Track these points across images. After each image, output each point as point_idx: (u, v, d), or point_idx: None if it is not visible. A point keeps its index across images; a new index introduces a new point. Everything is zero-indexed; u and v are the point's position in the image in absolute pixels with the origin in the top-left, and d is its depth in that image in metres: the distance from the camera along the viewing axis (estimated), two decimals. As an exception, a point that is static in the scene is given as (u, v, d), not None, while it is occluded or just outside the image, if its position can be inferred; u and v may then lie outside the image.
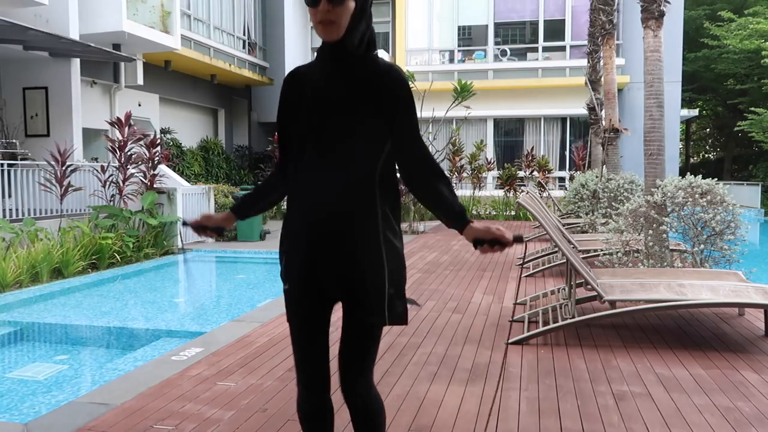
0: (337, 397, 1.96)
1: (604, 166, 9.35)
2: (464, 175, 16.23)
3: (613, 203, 8.47)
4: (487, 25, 19.09)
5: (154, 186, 9.67)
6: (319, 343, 1.92)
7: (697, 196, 5.43)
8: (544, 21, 18.63)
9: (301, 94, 1.87)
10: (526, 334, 4.32)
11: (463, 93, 12.24)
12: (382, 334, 1.92)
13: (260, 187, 2.06)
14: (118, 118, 9.57)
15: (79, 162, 9.70)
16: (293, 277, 1.88)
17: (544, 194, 13.77)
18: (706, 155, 33.63)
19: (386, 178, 1.85)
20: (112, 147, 9.26)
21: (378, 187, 1.82)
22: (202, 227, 2.04)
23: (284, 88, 1.93)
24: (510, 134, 19.69)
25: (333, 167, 1.81)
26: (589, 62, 11.23)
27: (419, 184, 1.86)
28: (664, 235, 5.66)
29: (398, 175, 1.91)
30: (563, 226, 7.44)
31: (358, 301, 1.83)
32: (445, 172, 1.88)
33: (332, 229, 1.80)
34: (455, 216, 1.81)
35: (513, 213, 15.18)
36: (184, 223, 2.04)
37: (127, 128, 9.27)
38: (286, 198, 1.99)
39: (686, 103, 24.65)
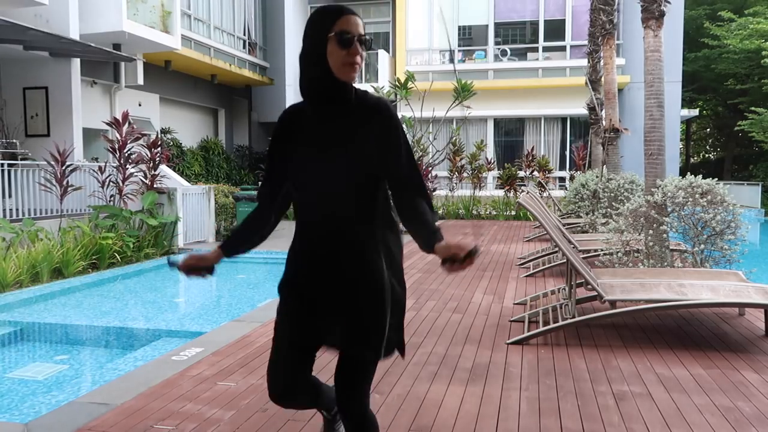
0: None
1: (605, 166, 9.35)
2: (464, 175, 16.23)
3: (613, 203, 8.46)
4: (487, 25, 19.09)
5: (155, 186, 9.67)
6: (299, 375, 1.99)
7: (697, 196, 5.43)
8: (545, 21, 18.62)
9: (297, 130, 1.92)
10: (526, 334, 4.32)
11: (463, 93, 12.24)
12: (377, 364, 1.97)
13: (249, 221, 2.05)
14: (115, 118, 9.57)
15: (78, 162, 9.70)
16: (292, 306, 1.97)
17: (545, 194, 13.77)
18: (707, 155, 33.62)
19: (386, 211, 1.93)
20: (111, 147, 9.26)
21: (380, 219, 1.91)
22: (193, 269, 1.99)
23: (279, 124, 1.97)
24: (510, 134, 19.68)
25: (331, 201, 1.87)
26: (589, 62, 11.23)
27: (410, 211, 1.88)
28: (665, 235, 5.66)
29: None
30: (563, 226, 7.44)
31: (354, 336, 1.89)
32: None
33: (334, 263, 1.88)
34: (429, 238, 1.81)
35: (513, 213, 15.18)
36: (171, 265, 2.00)
37: (125, 128, 9.27)
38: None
39: (686, 103, 24.64)
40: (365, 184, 1.86)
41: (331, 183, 1.86)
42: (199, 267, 1.98)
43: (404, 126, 1.98)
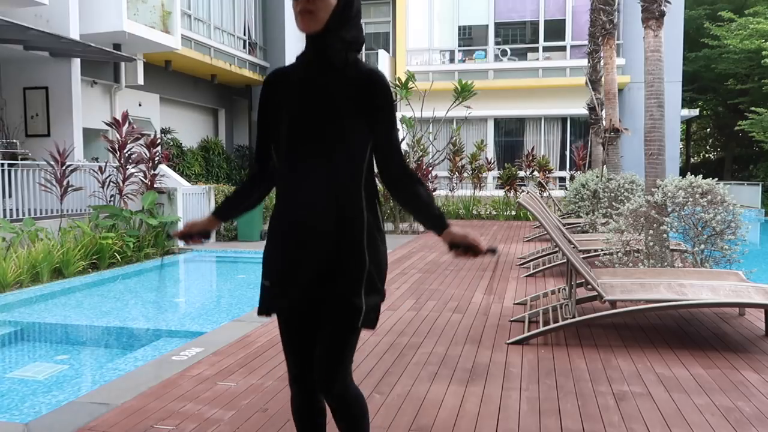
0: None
1: (605, 166, 9.35)
2: (465, 175, 16.23)
3: (613, 203, 8.46)
4: (487, 25, 19.09)
5: (155, 186, 9.67)
6: (303, 342, 1.95)
7: (697, 196, 5.43)
8: (545, 21, 18.63)
9: (282, 96, 1.90)
10: (526, 334, 4.32)
11: (463, 93, 12.24)
12: (358, 340, 1.93)
13: (241, 188, 2.06)
14: (115, 118, 9.57)
15: (78, 162, 9.70)
16: (273, 276, 1.91)
17: (545, 194, 13.77)
18: (707, 155, 33.61)
19: (369, 181, 1.89)
20: (111, 147, 9.27)
21: (363, 190, 1.86)
22: (188, 235, 2.03)
23: (265, 89, 1.96)
24: (510, 134, 19.69)
25: (317, 169, 1.83)
26: (589, 62, 11.23)
27: (399, 187, 1.90)
28: (665, 235, 5.66)
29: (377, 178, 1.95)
30: (564, 226, 7.44)
31: (335, 294, 1.84)
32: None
33: (316, 230, 1.83)
34: (436, 219, 1.87)
35: (513, 213, 15.17)
36: (169, 236, 2.05)
37: (125, 128, 9.27)
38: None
39: (687, 103, 24.63)
40: (348, 149, 1.82)
41: (313, 147, 1.82)
42: (192, 233, 2.02)
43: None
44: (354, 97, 1.82)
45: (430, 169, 13.27)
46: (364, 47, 1.98)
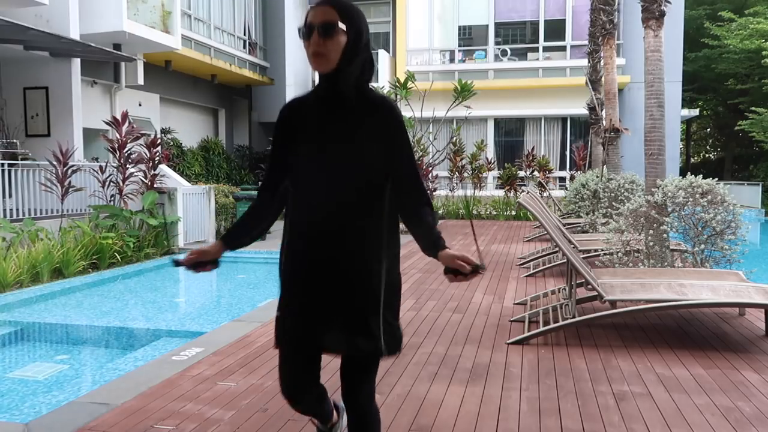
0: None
1: (605, 166, 9.35)
2: (465, 175, 16.23)
3: (613, 203, 8.46)
4: (487, 25, 19.08)
5: (155, 186, 9.67)
6: (309, 375, 2.00)
7: (697, 196, 5.43)
8: (545, 21, 18.62)
9: (298, 129, 1.91)
10: (526, 334, 4.32)
11: (463, 93, 12.23)
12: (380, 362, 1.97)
13: (250, 214, 2.04)
14: (114, 117, 9.57)
15: (79, 162, 9.70)
16: (291, 310, 1.94)
17: (545, 194, 13.76)
18: (707, 155, 33.61)
19: (392, 213, 1.90)
20: (111, 147, 9.26)
21: (383, 218, 1.87)
22: (198, 264, 1.98)
23: (280, 121, 1.97)
24: (510, 134, 19.68)
25: (334, 201, 1.84)
26: (589, 62, 11.23)
27: (410, 211, 1.90)
28: (665, 235, 5.66)
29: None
30: (564, 226, 7.44)
31: (352, 335, 1.86)
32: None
33: (334, 273, 1.85)
34: (434, 242, 1.86)
35: (513, 213, 15.17)
36: (176, 264, 1.99)
37: (125, 128, 9.26)
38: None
39: (687, 103, 24.62)
40: (367, 181, 1.84)
41: (331, 180, 1.84)
42: (202, 261, 1.97)
43: (412, 153, 1.95)
44: (367, 127, 1.84)
45: (430, 169, 13.27)
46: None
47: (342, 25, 1.78)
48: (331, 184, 1.84)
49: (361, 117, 1.85)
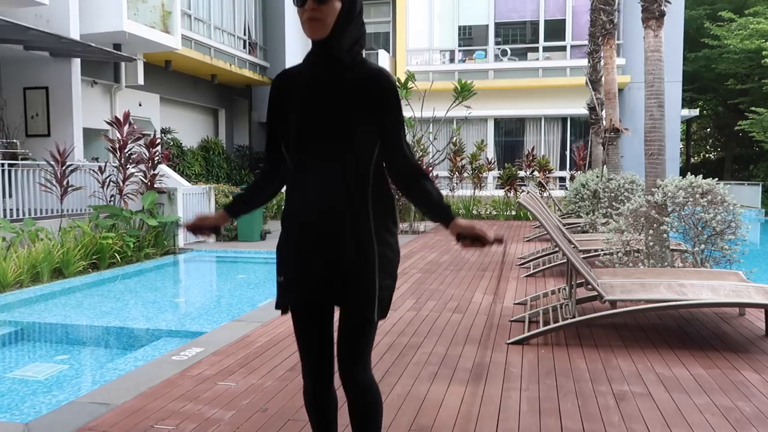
0: (341, 391, 2.00)
1: (605, 166, 9.35)
2: (465, 175, 16.22)
3: (613, 203, 8.46)
4: (487, 25, 19.09)
5: (155, 186, 9.67)
6: (317, 337, 1.99)
7: (697, 196, 5.43)
8: (545, 21, 18.63)
9: (291, 97, 1.92)
10: (526, 334, 4.32)
11: (463, 93, 12.23)
12: (378, 326, 1.99)
13: (253, 185, 2.11)
14: (116, 117, 9.57)
15: (79, 162, 9.70)
16: (288, 272, 1.96)
17: (545, 194, 13.76)
18: (707, 155, 33.61)
19: (379, 179, 1.92)
20: (111, 147, 9.27)
21: (372, 187, 1.89)
22: (198, 228, 2.07)
23: (273, 90, 1.99)
24: (510, 134, 19.69)
25: (325, 169, 1.87)
26: (589, 62, 11.22)
27: (408, 183, 1.94)
28: (665, 235, 5.66)
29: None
30: (564, 226, 7.44)
31: (349, 297, 1.89)
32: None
33: (325, 229, 1.87)
34: (442, 211, 1.92)
35: (513, 213, 15.17)
36: (179, 226, 2.05)
37: (126, 128, 9.27)
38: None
39: (687, 102, 24.63)
40: (359, 148, 1.85)
41: (324, 147, 1.86)
42: (202, 226, 2.06)
43: (404, 126, 1.96)
44: (362, 96, 1.85)
45: (430, 169, 13.25)
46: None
47: None
48: (323, 151, 1.86)
49: (355, 86, 1.85)
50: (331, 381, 2.04)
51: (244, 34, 16.56)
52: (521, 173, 16.17)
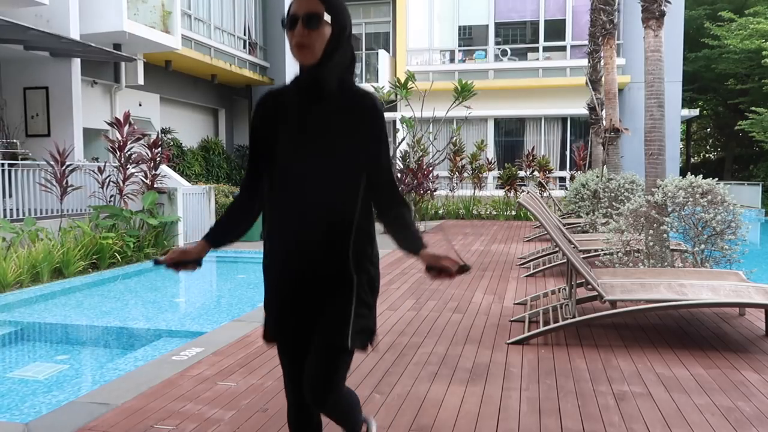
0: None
1: (605, 166, 9.35)
2: (465, 175, 16.23)
3: (613, 203, 8.46)
4: (487, 25, 19.09)
5: (155, 186, 9.67)
6: (301, 364, 1.96)
7: (697, 196, 5.43)
8: (545, 21, 18.63)
9: (276, 121, 1.89)
10: (526, 334, 4.32)
11: (463, 93, 12.23)
12: (351, 360, 1.94)
13: (232, 213, 2.00)
14: (116, 118, 9.57)
15: (78, 162, 9.70)
16: (272, 311, 1.96)
17: (545, 194, 13.77)
18: (707, 155, 33.61)
19: (363, 208, 1.87)
20: (111, 147, 9.27)
21: (356, 214, 1.85)
22: (180, 263, 1.93)
23: (258, 110, 1.94)
24: (510, 134, 19.69)
25: (308, 193, 1.83)
26: (589, 62, 11.23)
27: (386, 208, 1.90)
28: (665, 235, 5.66)
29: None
30: (564, 225, 7.44)
31: (327, 325, 1.87)
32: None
33: (309, 261, 1.85)
34: (414, 240, 1.83)
35: (513, 213, 15.17)
36: (156, 263, 1.95)
37: (126, 128, 9.27)
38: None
39: (687, 102, 24.62)
40: (344, 176, 1.83)
41: (309, 173, 1.82)
42: (184, 261, 1.93)
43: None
44: (347, 122, 1.83)
45: (431, 169, 13.27)
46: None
47: (327, 17, 1.76)
48: (308, 178, 1.83)
49: (342, 111, 1.83)
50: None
51: (244, 34, 16.56)
52: (521, 173, 16.18)
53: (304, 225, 1.84)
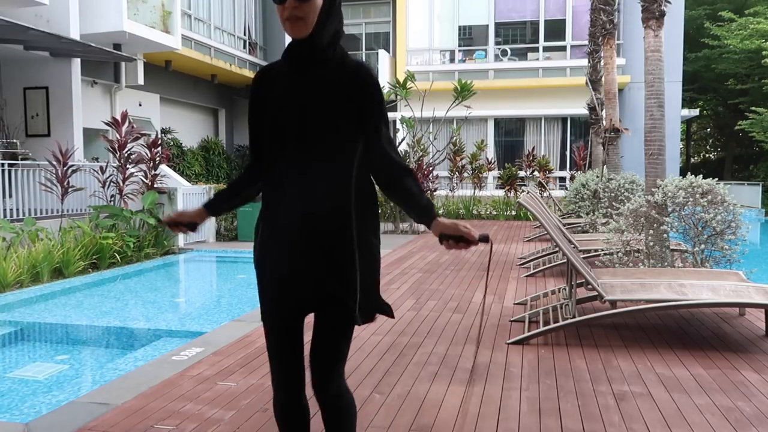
0: (313, 399, 1.97)
1: (605, 166, 9.35)
2: (465, 175, 16.23)
3: (613, 203, 8.46)
4: (487, 25, 19.09)
5: (155, 186, 9.67)
6: (294, 350, 1.93)
7: (697, 196, 5.43)
8: (545, 21, 18.63)
9: (271, 95, 1.88)
10: (526, 334, 4.32)
11: (463, 93, 12.23)
12: (353, 335, 1.94)
13: (233, 185, 2.04)
14: (114, 118, 9.57)
15: (79, 162, 9.70)
16: (269, 286, 1.90)
17: (545, 194, 13.77)
18: (707, 155, 33.61)
19: (361, 177, 1.87)
20: (111, 147, 9.27)
21: (354, 187, 1.84)
22: (175, 223, 2.02)
23: (254, 86, 1.93)
24: (510, 134, 19.69)
25: (306, 167, 1.81)
26: (589, 62, 11.22)
27: (388, 179, 1.88)
28: (665, 235, 5.66)
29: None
30: (564, 225, 7.44)
31: (330, 302, 1.84)
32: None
33: (308, 233, 1.82)
34: (424, 209, 1.84)
35: (514, 213, 15.17)
36: (159, 221, 2.03)
37: (124, 128, 9.26)
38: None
39: (687, 102, 24.62)
40: (340, 146, 1.81)
41: (304, 145, 1.81)
42: (179, 222, 2.01)
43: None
44: (342, 92, 1.81)
45: (431, 169, 13.28)
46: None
47: None
48: (304, 149, 1.81)
49: (335, 81, 1.81)
50: (303, 392, 1.97)
51: (244, 34, 16.57)
52: (521, 173, 16.18)
53: (304, 198, 1.81)
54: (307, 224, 1.81)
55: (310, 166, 1.81)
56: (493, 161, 17.40)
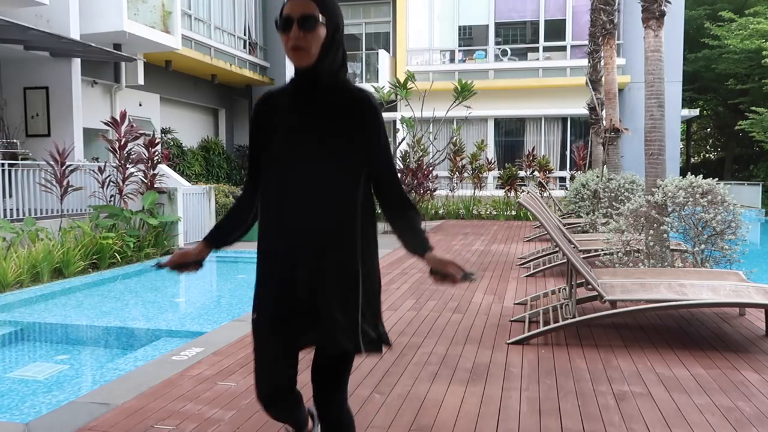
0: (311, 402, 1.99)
1: (605, 166, 9.35)
2: (465, 175, 16.23)
3: (613, 203, 8.46)
4: (487, 25, 19.09)
5: (155, 186, 9.67)
6: (286, 376, 1.93)
7: (697, 196, 5.43)
8: (545, 21, 18.63)
9: (274, 122, 1.88)
10: (526, 334, 4.32)
11: (463, 93, 12.24)
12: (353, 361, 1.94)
13: (231, 213, 2.02)
14: (113, 117, 9.57)
15: (78, 162, 9.70)
16: (265, 313, 1.89)
17: (545, 194, 13.77)
18: (707, 155, 33.61)
19: (365, 204, 1.86)
20: (111, 147, 9.26)
21: (357, 213, 1.82)
22: (181, 265, 1.97)
23: (256, 114, 1.93)
24: (511, 134, 19.69)
25: (307, 194, 1.81)
26: (589, 62, 11.23)
27: (394, 212, 1.89)
28: (665, 235, 5.66)
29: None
30: (564, 225, 7.44)
31: (330, 331, 1.82)
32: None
33: (308, 261, 1.80)
34: (421, 242, 1.84)
35: (514, 213, 15.17)
36: (159, 266, 1.95)
37: (124, 127, 9.26)
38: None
39: (687, 102, 24.63)
40: (343, 177, 1.80)
41: (307, 176, 1.80)
42: (185, 263, 1.96)
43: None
44: (346, 122, 1.81)
45: (431, 169, 13.28)
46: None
47: (321, 18, 1.74)
48: (306, 180, 1.81)
49: (339, 112, 1.81)
50: (284, 399, 1.96)
51: (244, 34, 16.56)
52: (521, 173, 16.18)
53: (306, 226, 1.80)
54: (310, 255, 1.80)
55: (313, 193, 1.80)
56: (493, 161, 17.41)
